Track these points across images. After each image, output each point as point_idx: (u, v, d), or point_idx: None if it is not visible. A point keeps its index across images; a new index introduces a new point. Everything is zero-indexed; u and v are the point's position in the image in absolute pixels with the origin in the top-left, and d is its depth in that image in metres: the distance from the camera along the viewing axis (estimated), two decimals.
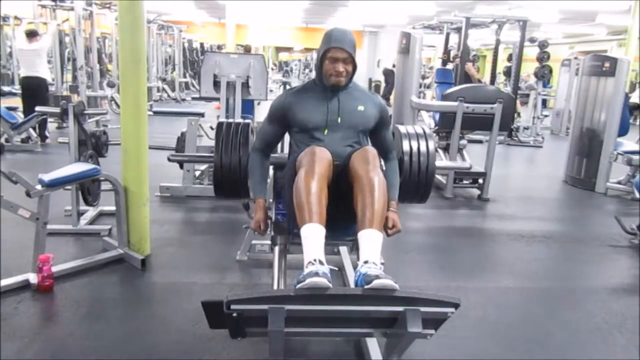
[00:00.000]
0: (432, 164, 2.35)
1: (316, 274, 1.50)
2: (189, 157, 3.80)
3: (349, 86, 2.08)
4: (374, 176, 1.76)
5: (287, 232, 2.10)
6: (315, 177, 1.73)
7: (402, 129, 2.44)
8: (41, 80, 6.29)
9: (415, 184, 2.34)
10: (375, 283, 1.49)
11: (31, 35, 6.39)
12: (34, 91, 6.18)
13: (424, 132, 2.42)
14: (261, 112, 2.55)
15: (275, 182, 2.39)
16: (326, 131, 2.03)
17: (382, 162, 2.14)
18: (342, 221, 1.90)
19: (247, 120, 2.44)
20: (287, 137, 2.27)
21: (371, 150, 1.87)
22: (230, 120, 2.43)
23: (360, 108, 2.06)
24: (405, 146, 2.36)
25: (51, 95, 6.84)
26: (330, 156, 1.85)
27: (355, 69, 2.02)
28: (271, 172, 2.41)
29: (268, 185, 2.34)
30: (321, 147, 1.86)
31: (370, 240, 1.68)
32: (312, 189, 1.71)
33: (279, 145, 2.42)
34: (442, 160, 4.63)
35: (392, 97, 6.94)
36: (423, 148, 2.36)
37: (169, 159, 2.87)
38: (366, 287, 1.51)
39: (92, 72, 7.99)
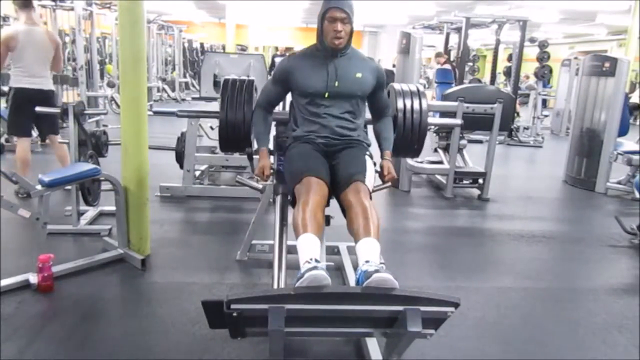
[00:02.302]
0: (424, 120, 2.52)
1: (314, 268, 1.52)
2: (196, 112, 3.96)
3: (347, 52, 2.20)
4: (365, 202, 1.85)
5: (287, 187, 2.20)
6: (311, 207, 1.81)
7: (397, 86, 2.59)
8: None
9: (409, 138, 2.52)
10: (375, 276, 1.50)
11: None
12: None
13: (417, 90, 2.60)
14: None
15: (277, 136, 2.54)
16: (326, 95, 2.16)
17: (378, 121, 2.38)
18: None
19: (251, 78, 2.57)
20: (288, 96, 2.42)
21: (363, 187, 1.94)
22: (235, 77, 2.53)
23: (358, 75, 2.19)
24: (400, 104, 2.54)
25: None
26: (326, 187, 1.96)
27: (352, 31, 2.14)
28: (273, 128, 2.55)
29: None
30: (317, 179, 1.94)
31: (369, 245, 1.71)
32: (308, 213, 1.78)
33: (280, 103, 2.54)
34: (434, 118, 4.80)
35: None
36: (416, 105, 2.53)
37: (177, 115, 3.16)
38: (366, 281, 1.52)
39: (91, 72, 7.98)
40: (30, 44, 3.88)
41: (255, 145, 2.46)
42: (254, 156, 2.46)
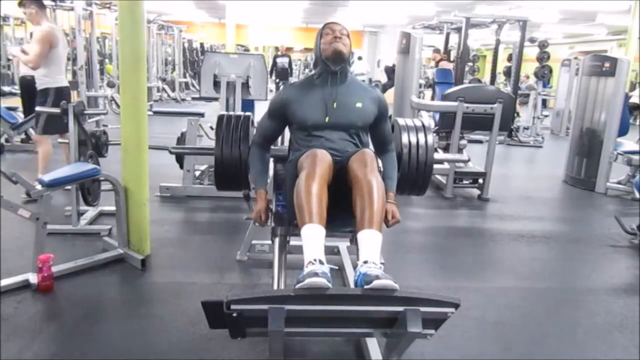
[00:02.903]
0: (430, 156, 2.39)
1: (315, 274, 1.50)
2: (189, 149, 3.91)
3: (346, 80, 2.11)
4: (372, 179, 1.77)
5: (288, 223, 2.12)
6: (316, 180, 1.74)
7: (402, 122, 2.49)
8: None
9: (414, 176, 2.39)
10: (375, 283, 1.49)
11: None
12: (33, 91, 6.17)
13: (423, 125, 2.48)
14: (261, 112, 2.57)
15: (275, 175, 2.43)
16: (325, 129, 2.06)
17: (379, 161, 2.15)
18: (342, 214, 1.90)
19: (247, 114, 2.47)
20: (287, 130, 2.30)
21: (369, 153, 1.88)
22: (231, 113, 2.45)
23: (358, 105, 2.09)
24: (405, 139, 2.41)
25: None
26: (331, 158, 1.86)
27: (350, 53, 2.08)
28: (271, 164, 2.45)
29: (269, 179, 2.38)
30: (322, 150, 1.88)
31: (370, 240, 1.68)
32: (313, 190, 1.72)
33: (279, 138, 2.45)
34: (440, 153, 4.68)
35: (392, 93, 6.93)
36: (422, 141, 2.41)
37: (170, 152, 3.07)
38: (366, 287, 1.50)
39: (91, 72, 7.99)
40: (62, 42, 3.97)
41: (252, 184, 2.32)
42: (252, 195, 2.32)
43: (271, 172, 2.46)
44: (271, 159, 2.38)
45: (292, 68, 12.45)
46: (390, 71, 13.03)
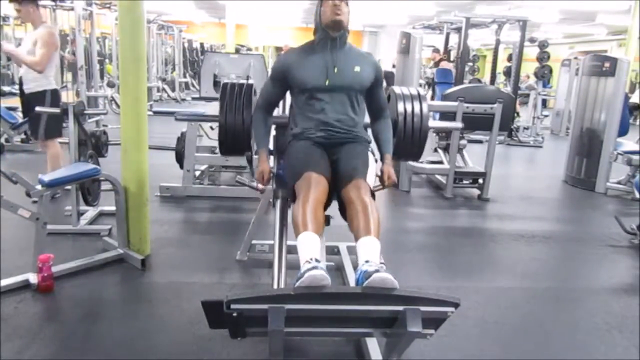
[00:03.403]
0: (425, 123, 2.52)
1: (314, 268, 1.51)
2: (195, 115, 3.90)
3: (345, 46, 2.20)
4: (366, 198, 1.85)
5: (287, 186, 2.18)
6: (311, 204, 1.81)
7: (397, 90, 2.56)
8: None
9: (410, 142, 2.51)
10: (375, 276, 1.50)
11: None
12: None
13: (418, 93, 2.57)
14: None
15: (276, 140, 2.53)
16: (326, 83, 2.14)
17: (376, 122, 2.35)
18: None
19: (250, 82, 2.54)
20: (288, 97, 2.40)
21: (363, 182, 1.93)
22: (234, 81, 2.52)
23: (357, 69, 2.18)
24: (400, 107, 2.50)
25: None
26: (326, 183, 1.94)
27: (349, 20, 2.16)
28: (273, 131, 2.54)
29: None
30: (317, 175, 1.93)
31: (369, 245, 1.70)
32: (308, 211, 1.78)
33: (280, 104, 2.58)
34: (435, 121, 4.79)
35: None
36: (417, 109, 2.53)
37: (176, 118, 3.16)
38: (366, 281, 1.51)
39: (91, 72, 7.99)
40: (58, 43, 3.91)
41: (255, 149, 2.45)
42: (254, 158, 2.45)
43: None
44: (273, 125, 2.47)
45: None
46: (389, 76, 12.95)
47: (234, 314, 1.49)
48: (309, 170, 1.94)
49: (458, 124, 3.35)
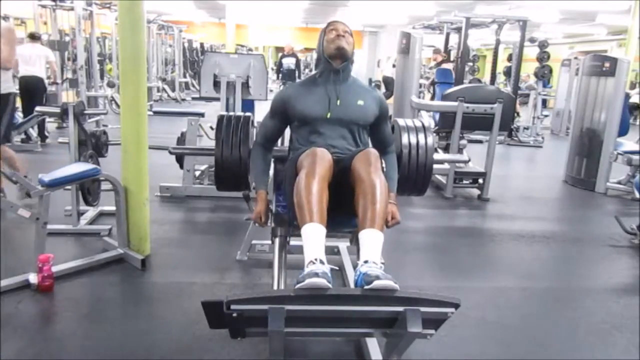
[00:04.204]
0: (430, 157, 2.40)
1: (316, 275, 1.49)
2: (189, 149, 3.86)
3: (349, 79, 2.14)
4: (375, 178, 1.76)
5: (288, 224, 2.11)
6: (316, 178, 1.74)
7: (402, 122, 2.49)
8: (38, 80, 6.28)
9: (414, 176, 2.39)
10: (376, 284, 1.48)
11: (34, 37, 6.43)
12: (32, 91, 6.18)
13: (423, 125, 2.48)
14: (261, 112, 2.56)
15: (276, 175, 2.42)
16: (328, 115, 2.07)
17: (382, 161, 2.15)
18: (342, 214, 1.90)
19: (247, 114, 2.46)
20: (287, 131, 2.31)
21: (374, 152, 1.87)
22: (231, 113, 2.45)
23: (360, 103, 2.11)
24: (405, 140, 2.40)
25: (49, 95, 6.83)
26: (331, 157, 1.86)
27: (353, 52, 2.10)
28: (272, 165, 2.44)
29: (269, 179, 2.37)
30: (322, 148, 1.88)
31: (371, 239, 1.68)
32: (313, 189, 1.71)
33: (280, 138, 2.44)
34: (440, 154, 4.66)
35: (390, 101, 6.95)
36: (422, 142, 2.41)
37: (169, 152, 2.98)
38: (366, 287, 1.50)
39: (91, 72, 7.99)
40: None
41: (253, 185, 2.32)
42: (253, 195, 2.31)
43: (271, 172, 2.46)
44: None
45: (300, 69, 11.61)
46: (388, 81, 12.90)
47: (234, 314, 1.49)
48: (313, 147, 1.88)
49: (464, 157, 3.20)
